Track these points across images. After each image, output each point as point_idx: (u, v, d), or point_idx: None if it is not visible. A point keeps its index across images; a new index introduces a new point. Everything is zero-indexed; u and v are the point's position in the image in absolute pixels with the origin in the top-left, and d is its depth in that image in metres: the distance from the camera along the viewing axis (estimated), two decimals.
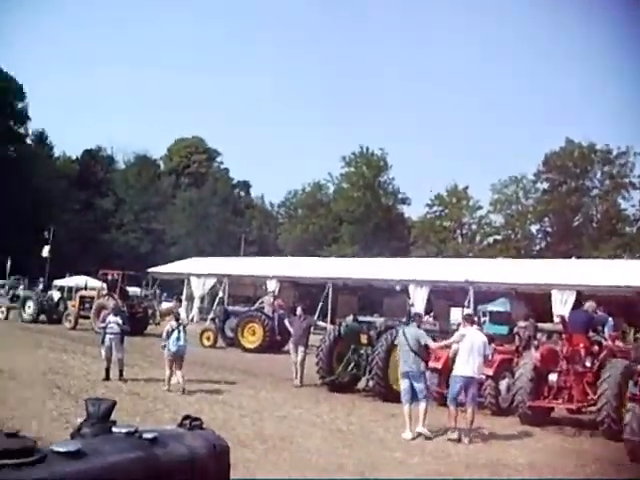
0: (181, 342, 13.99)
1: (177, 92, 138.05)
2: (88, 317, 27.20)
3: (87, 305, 28.28)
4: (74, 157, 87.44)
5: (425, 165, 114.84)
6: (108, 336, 14.86)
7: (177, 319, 14.67)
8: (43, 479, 2.19)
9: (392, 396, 14.02)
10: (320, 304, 32.01)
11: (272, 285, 33.07)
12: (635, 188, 64.07)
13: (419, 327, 11.92)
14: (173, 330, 14.07)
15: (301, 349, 16.22)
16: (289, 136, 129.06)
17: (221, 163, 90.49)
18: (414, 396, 11.09)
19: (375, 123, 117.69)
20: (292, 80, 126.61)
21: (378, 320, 16.30)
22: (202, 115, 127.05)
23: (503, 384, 13.56)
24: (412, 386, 11.11)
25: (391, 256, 43.21)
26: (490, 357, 12.78)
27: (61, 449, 2.38)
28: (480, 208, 70.61)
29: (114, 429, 2.72)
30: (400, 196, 75.07)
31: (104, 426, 2.74)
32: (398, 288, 31.65)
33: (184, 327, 14.47)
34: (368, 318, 15.14)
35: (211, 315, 30.53)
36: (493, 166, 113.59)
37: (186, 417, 2.88)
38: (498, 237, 69.78)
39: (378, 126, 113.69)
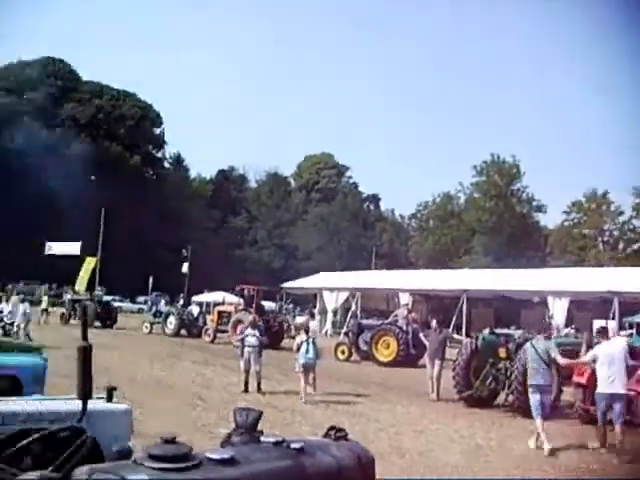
0: (310, 355, 14.48)
1: (305, 110, 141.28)
2: (226, 331, 28.21)
3: (225, 319, 29.34)
4: (208, 177, 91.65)
5: (561, 170, 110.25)
6: (246, 349, 15.35)
7: (306, 332, 15.22)
8: None
9: None
10: (454, 317, 31.44)
11: (405, 298, 32.89)
12: None
13: (549, 339, 11.54)
14: (302, 343, 14.61)
15: (437, 362, 15.98)
16: (417, 148, 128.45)
17: (350, 177, 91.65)
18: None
19: (506, 129, 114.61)
20: (415, 90, 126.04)
21: (516, 333, 15.74)
22: (330, 131, 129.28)
23: None
24: (542, 399, 10.74)
25: (527, 266, 41.62)
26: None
27: (215, 456, 2.49)
28: (622, 213, 66.70)
29: (262, 438, 2.81)
30: (535, 204, 72.45)
31: (253, 435, 2.84)
32: (536, 300, 30.50)
33: (313, 340, 14.88)
34: (505, 331, 14.64)
35: (345, 329, 30.76)
36: (634, 168, 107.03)
37: (331, 428, 2.92)
38: None
39: (509, 132, 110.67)
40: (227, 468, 2.45)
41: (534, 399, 10.86)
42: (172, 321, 31.10)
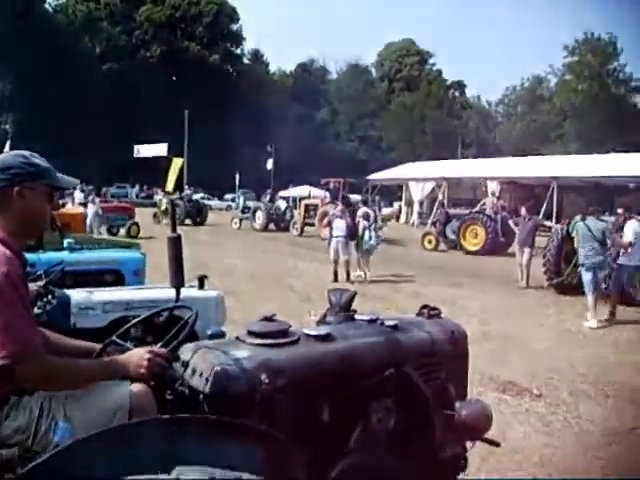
0: (372, 241, 15.59)
1: None
2: (313, 224, 28.64)
3: (312, 213, 29.72)
4: (288, 71, 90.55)
5: None
6: (334, 239, 15.63)
7: (367, 219, 16.18)
8: (299, 356, 2.43)
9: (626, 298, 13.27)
10: (544, 205, 30.68)
11: (493, 186, 32.23)
12: None
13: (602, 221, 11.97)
14: (365, 229, 15.56)
15: (527, 250, 15.78)
16: (503, 30, 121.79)
17: (434, 64, 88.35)
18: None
19: (599, 4, 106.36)
20: None
21: (609, 219, 15.23)
22: (411, 17, 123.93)
23: None
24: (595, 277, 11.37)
25: (625, 150, 39.66)
26: None
27: (312, 332, 2.62)
28: None
29: (356, 316, 2.92)
30: (633, 84, 68.03)
31: (347, 314, 2.95)
32: (631, 186, 29.23)
33: (375, 227, 16.10)
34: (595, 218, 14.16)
35: (432, 219, 30.64)
36: None
37: (424, 306, 3.00)
38: None
39: (604, 6, 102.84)
40: (324, 343, 2.58)
41: (589, 276, 11.36)
42: (260, 216, 31.78)
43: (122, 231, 24.67)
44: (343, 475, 2.43)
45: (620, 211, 12.63)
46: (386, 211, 36.72)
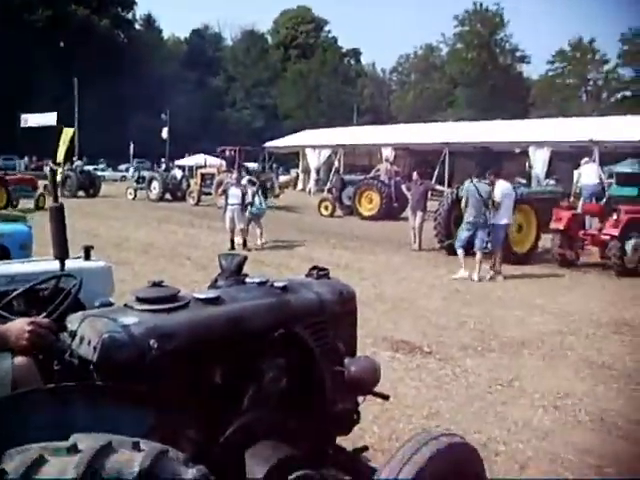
0: (262, 205, 16.15)
1: None
2: (209, 193, 28.25)
3: (208, 182, 29.30)
4: (182, 38, 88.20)
5: (545, 18, 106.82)
6: (229, 207, 15.54)
7: (253, 183, 16.88)
8: (188, 321, 2.44)
9: (514, 257, 14.02)
10: (437, 170, 31.64)
11: (387, 153, 32.86)
12: None
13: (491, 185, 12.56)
14: (254, 195, 15.84)
15: (419, 214, 16.24)
16: None
17: (329, 32, 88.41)
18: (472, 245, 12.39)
19: None
20: None
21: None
22: None
23: (629, 245, 13.14)
24: (474, 235, 12.30)
25: (510, 118, 41.37)
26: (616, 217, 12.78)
27: (202, 296, 2.63)
28: (607, 62, 65.74)
29: (247, 280, 2.95)
30: (518, 54, 71.03)
31: (238, 278, 2.97)
32: (517, 151, 30.59)
33: (261, 191, 16.99)
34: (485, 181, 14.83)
35: (328, 185, 30.95)
36: (623, 14, 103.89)
37: (314, 267, 3.06)
38: (627, 93, 64.95)
39: None
40: (214, 307, 2.59)
41: (466, 234, 12.36)
42: (155, 186, 31.00)
43: (24, 203, 23.29)
44: (236, 435, 2.48)
45: (488, 173, 13.36)
46: (283, 178, 36.72)
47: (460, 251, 12.51)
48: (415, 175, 17.42)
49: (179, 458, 1.61)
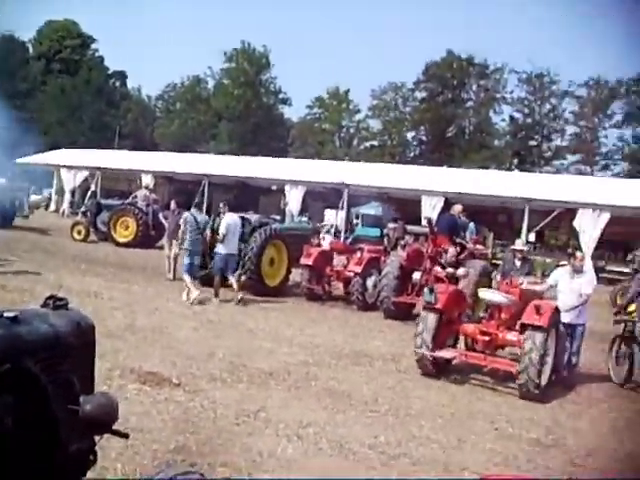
0: None
1: None
2: None
3: None
4: None
5: (308, 66, 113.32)
6: None
7: None
8: None
9: (265, 290, 14.42)
10: (195, 200, 31.66)
11: (147, 179, 32.22)
12: (506, 103, 66.89)
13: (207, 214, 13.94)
14: None
15: (175, 243, 16.03)
16: (167, 27, 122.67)
17: (96, 50, 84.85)
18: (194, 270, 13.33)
19: (259, 17, 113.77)
20: None
21: (253, 216, 16.41)
22: None
23: (370, 281, 14.21)
24: (193, 262, 13.23)
25: (269, 155, 42.93)
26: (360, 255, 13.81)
27: None
28: (359, 112, 71.40)
29: None
30: (281, 96, 74.05)
31: None
32: (274, 187, 31.79)
33: None
34: (242, 214, 15.27)
35: (82, 208, 29.39)
36: (375, 71, 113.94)
37: (50, 297, 2.84)
38: (375, 142, 70.94)
39: (262, 21, 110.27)
40: None
41: (189, 260, 13.19)
42: None
43: None
44: None
45: (221, 205, 14.24)
46: (35, 198, 34.16)
47: (186, 276, 13.10)
48: (173, 204, 17.25)
49: None
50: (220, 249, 13.17)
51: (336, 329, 11.81)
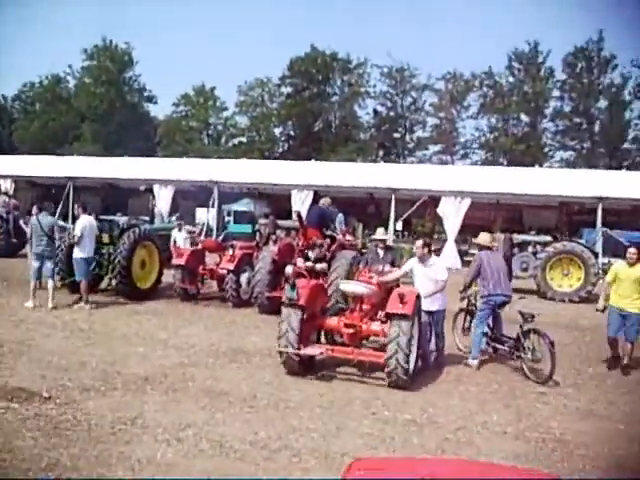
0: None
1: None
2: None
3: None
4: None
5: (173, 63, 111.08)
6: None
7: None
8: None
9: (137, 293, 14.13)
10: (60, 205, 30.31)
11: (7, 185, 30.47)
12: (370, 97, 68.83)
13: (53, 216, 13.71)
14: None
15: None
16: (24, 20, 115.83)
17: None
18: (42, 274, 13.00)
19: (121, 14, 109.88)
20: None
21: (121, 219, 15.99)
22: None
23: (244, 278, 14.25)
24: (42, 266, 12.83)
25: (136, 155, 41.74)
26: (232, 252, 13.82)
27: None
28: (226, 109, 71.00)
29: None
30: (146, 94, 72.18)
31: None
32: (142, 188, 31.00)
33: None
34: (110, 217, 14.84)
35: None
36: (241, 68, 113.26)
37: None
38: (243, 139, 70.83)
39: (124, 18, 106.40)
40: None
41: (36, 265, 12.81)
42: None
43: None
44: None
45: (76, 207, 13.91)
46: None
47: (32, 282, 12.80)
48: (35, 209, 16.44)
49: None
50: (76, 253, 12.86)
51: (212, 328, 11.78)
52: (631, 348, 9.91)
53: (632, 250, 10.00)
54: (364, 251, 14.03)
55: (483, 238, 10.54)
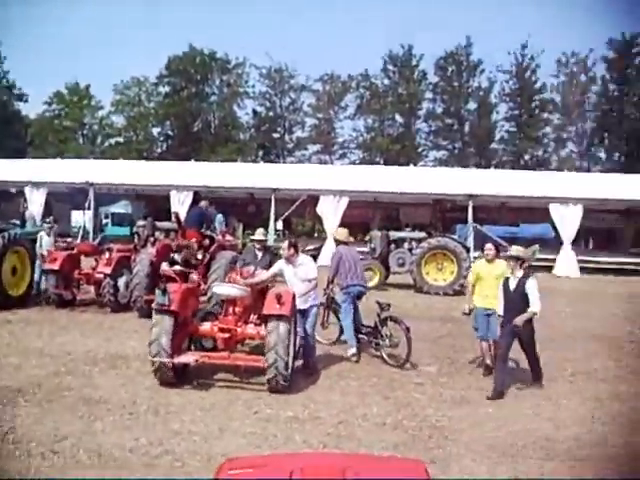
0: None
1: None
2: None
3: None
4: None
5: (45, 60, 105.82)
6: None
7: None
8: None
9: (8, 301, 13.47)
10: None
11: None
12: (249, 97, 68.79)
13: None
14: None
15: None
16: None
17: None
18: None
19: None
20: None
21: None
22: None
23: (122, 281, 13.88)
24: None
25: (6, 157, 39.59)
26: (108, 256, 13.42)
27: None
28: (102, 108, 68.70)
29: None
30: (16, 92, 68.35)
31: None
32: (13, 191, 29.55)
33: None
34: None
35: None
36: (116, 66, 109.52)
37: None
38: (120, 139, 68.80)
39: None
40: None
41: None
42: None
43: None
44: None
45: None
46: None
47: None
48: None
49: None
50: None
51: (89, 334, 11.41)
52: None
53: (488, 246, 9.75)
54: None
55: (341, 233, 10.92)
